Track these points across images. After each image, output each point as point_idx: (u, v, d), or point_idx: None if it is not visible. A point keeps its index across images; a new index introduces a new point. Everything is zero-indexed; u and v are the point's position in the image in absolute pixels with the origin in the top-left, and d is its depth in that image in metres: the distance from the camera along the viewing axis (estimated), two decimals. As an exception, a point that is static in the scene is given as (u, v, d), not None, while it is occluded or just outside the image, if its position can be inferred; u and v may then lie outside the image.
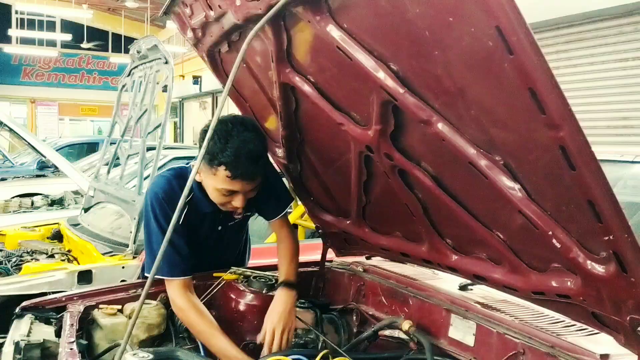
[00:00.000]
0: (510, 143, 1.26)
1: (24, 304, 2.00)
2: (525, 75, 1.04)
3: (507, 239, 1.50)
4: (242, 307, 2.12)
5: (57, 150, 9.02)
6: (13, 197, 7.59)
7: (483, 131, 1.29)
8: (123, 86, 4.71)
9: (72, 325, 1.82)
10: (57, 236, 4.45)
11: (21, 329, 1.81)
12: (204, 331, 1.93)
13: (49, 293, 3.14)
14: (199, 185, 2.01)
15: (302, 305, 2.12)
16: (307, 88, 1.76)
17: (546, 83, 1.03)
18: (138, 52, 4.18)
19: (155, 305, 2.07)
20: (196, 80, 18.07)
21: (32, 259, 3.73)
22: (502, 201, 1.36)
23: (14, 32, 18.52)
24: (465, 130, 1.33)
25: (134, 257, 3.47)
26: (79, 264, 3.61)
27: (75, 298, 2.05)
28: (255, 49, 1.89)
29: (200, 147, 1.91)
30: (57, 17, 19.06)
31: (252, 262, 2.66)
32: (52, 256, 3.85)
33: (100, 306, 2.02)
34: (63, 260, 3.69)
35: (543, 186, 1.26)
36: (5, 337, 3.15)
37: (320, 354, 1.79)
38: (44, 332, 1.85)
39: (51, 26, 19.07)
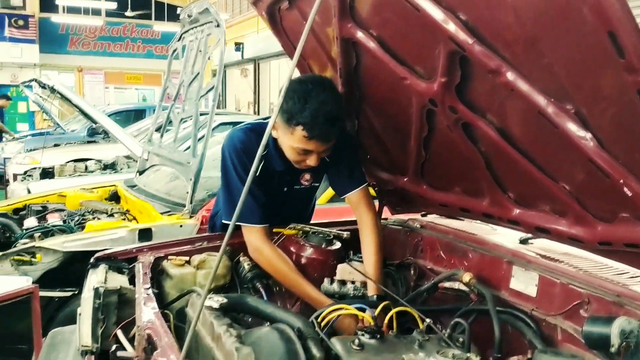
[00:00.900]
0: (583, 90, 1.26)
1: (98, 254, 2.11)
2: (605, 18, 1.04)
3: (573, 190, 1.51)
4: (302, 261, 2.18)
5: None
6: (68, 162, 7.87)
7: (555, 79, 1.29)
8: (174, 51, 4.77)
9: (145, 273, 1.92)
10: (114, 197, 4.62)
11: (98, 277, 1.91)
12: (288, 276, 2.03)
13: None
14: (274, 142, 2.07)
15: (360, 259, 2.17)
16: (369, 43, 1.77)
17: (626, 26, 1.02)
18: (189, 16, 4.23)
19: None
20: (238, 46, 17.51)
21: (93, 218, 3.90)
22: (571, 151, 1.36)
23: (60, 0, 18.91)
24: (536, 79, 1.33)
25: (190, 217, 3.59)
26: (137, 222, 3.75)
27: (145, 250, 2.15)
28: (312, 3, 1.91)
29: (279, 107, 1.98)
30: (101, -16, 19.36)
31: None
32: (111, 215, 4.01)
33: (169, 257, 2.11)
34: (123, 219, 3.83)
35: (616, 133, 1.26)
36: (72, 290, 3.34)
37: (382, 305, 1.84)
38: (118, 280, 1.95)
39: (96, -6, 19.36)
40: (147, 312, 1.60)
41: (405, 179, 2.19)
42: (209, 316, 1.53)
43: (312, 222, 2.49)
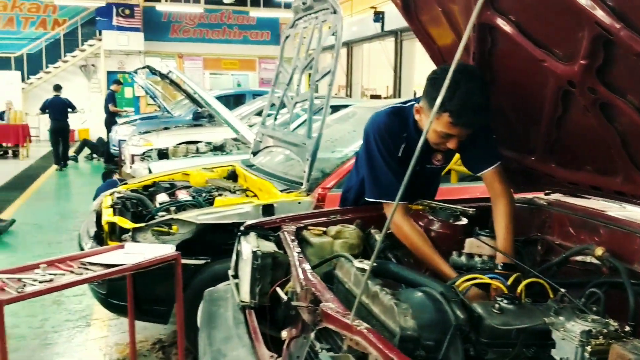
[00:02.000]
0: None
1: (247, 223, 2.36)
2: None
3: None
4: (431, 234, 2.32)
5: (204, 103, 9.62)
6: (179, 144, 8.38)
7: None
8: (286, 37, 4.99)
9: (293, 240, 2.13)
10: (232, 176, 4.95)
11: (252, 242, 2.15)
12: (422, 249, 2.17)
13: (238, 223, 3.60)
14: (415, 124, 2.23)
15: (487, 234, 2.28)
16: (507, 28, 1.87)
17: None
18: (304, 3, 4.42)
19: (354, 228, 2.34)
20: (378, 16, 14.72)
21: (219, 195, 4.21)
22: None
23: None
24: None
25: (307, 194, 3.81)
26: (258, 199, 4.03)
27: (287, 220, 2.37)
28: (452, -8, 2.03)
29: (426, 92, 2.12)
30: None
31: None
32: (234, 192, 4.32)
33: (309, 227, 2.32)
34: (246, 196, 4.12)
35: None
36: (206, 259, 3.65)
37: (513, 276, 1.96)
38: (267, 246, 2.18)
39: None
40: (305, 271, 1.80)
41: (532, 158, 2.27)
42: (362, 277, 1.72)
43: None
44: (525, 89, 2.05)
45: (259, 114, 10.10)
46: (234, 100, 13.38)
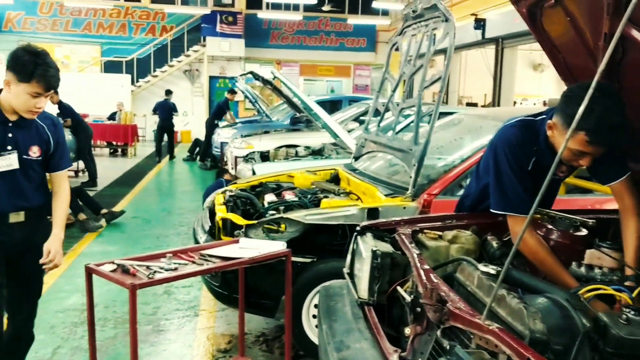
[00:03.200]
0: None
1: (364, 224, 2.45)
2: None
3: None
4: (549, 244, 2.31)
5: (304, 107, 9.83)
6: (279, 147, 8.66)
7: None
8: (394, 45, 5.07)
9: (410, 242, 2.20)
10: (335, 179, 5.08)
11: (370, 242, 2.23)
12: (546, 261, 2.17)
13: (342, 225, 3.70)
14: (546, 139, 2.24)
15: (609, 246, 2.24)
16: (642, 38, 1.85)
17: None
18: (413, 11, 4.47)
19: (470, 234, 2.37)
20: (479, 23, 14.43)
21: (324, 197, 4.34)
22: None
23: (266, -2, 20.80)
24: None
25: (412, 200, 3.86)
26: (362, 202, 4.12)
27: (402, 223, 2.44)
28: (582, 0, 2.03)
29: (560, 109, 2.12)
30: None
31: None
32: (338, 195, 4.43)
33: (425, 231, 2.38)
34: (350, 199, 4.22)
35: None
36: (312, 258, 3.77)
37: (638, 289, 1.92)
38: (384, 247, 2.25)
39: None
40: (427, 272, 1.86)
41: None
42: (486, 281, 1.76)
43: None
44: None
45: (356, 119, 10.24)
46: (329, 106, 13.59)
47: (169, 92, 15.51)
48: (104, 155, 15.67)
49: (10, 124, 2.76)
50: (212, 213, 4.45)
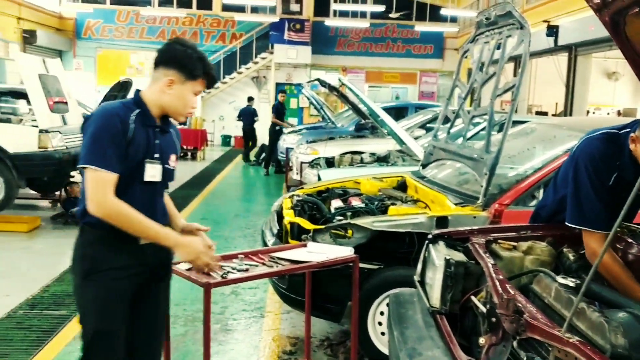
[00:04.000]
0: None
1: (436, 232, 2.44)
2: None
3: None
4: (629, 258, 2.24)
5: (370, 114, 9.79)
6: (344, 154, 8.71)
7: None
8: (465, 52, 5.01)
9: (485, 252, 2.18)
10: (402, 186, 5.06)
11: (442, 251, 2.23)
12: (620, 277, 2.11)
13: (409, 233, 3.69)
14: (630, 153, 2.18)
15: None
16: None
17: None
18: (487, 19, 4.42)
19: (546, 245, 2.32)
20: (552, 30, 14.00)
21: (391, 204, 4.34)
22: None
23: (334, 5, 20.91)
24: None
25: (483, 209, 3.79)
26: (430, 210, 4.09)
27: (475, 232, 2.41)
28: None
29: None
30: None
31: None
32: (405, 202, 4.42)
33: (499, 241, 2.35)
34: (420, 207, 4.20)
35: None
36: (379, 264, 3.78)
37: None
38: (457, 256, 2.24)
39: (364, -2, 20.84)
40: (502, 283, 1.85)
41: None
42: (564, 293, 1.72)
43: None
44: None
45: (423, 126, 10.17)
46: (395, 113, 13.54)
47: (250, 99, 16.22)
48: (174, 158, 16.18)
49: (157, 129, 2.37)
50: (279, 216, 4.53)
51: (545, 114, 16.09)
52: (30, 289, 5.05)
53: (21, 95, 9.98)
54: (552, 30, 13.99)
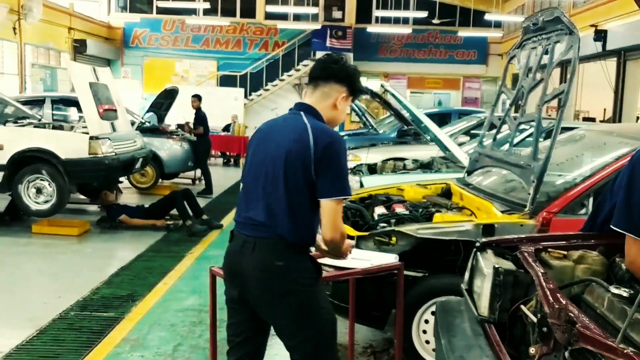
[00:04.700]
0: None
1: (484, 240, 2.42)
2: None
3: None
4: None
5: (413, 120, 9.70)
6: (387, 160, 8.67)
7: None
8: (511, 57, 4.95)
9: (534, 261, 2.14)
10: (446, 193, 5.01)
11: (491, 259, 2.20)
12: None
13: (455, 240, 3.65)
14: None
15: None
16: None
17: None
18: (534, 24, 4.36)
19: (597, 255, 2.27)
20: (600, 35, 13.87)
21: (436, 211, 4.31)
22: None
23: (377, 12, 20.92)
24: None
25: (530, 218, 3.72)
26: (476, 218, 4.04)
27: (524, 240, 2.38)
28: None
29: None
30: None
31: None
32: (450, 209, 4.38)
33: (549, 250, 2.31)
34: (465, 214, 4.16)
35: None
36: (424, 272, 3.76)
37: None
38: (506, 264, 2.21)
39: (407, 5, 20.69)
40: (553, 292, 1.82)
41: None
42: (618, 303, 1.69)
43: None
44: None
45: (466, 133, 10.04)
46: (438, 119, 13.42)
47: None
48: (218, 164, 16.44)
49: None
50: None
51: (593, 120, 15.70)
52: (81, 291, 5.19)
53: (72, 102, 10.36)
54: (600, 35, 13.76)
